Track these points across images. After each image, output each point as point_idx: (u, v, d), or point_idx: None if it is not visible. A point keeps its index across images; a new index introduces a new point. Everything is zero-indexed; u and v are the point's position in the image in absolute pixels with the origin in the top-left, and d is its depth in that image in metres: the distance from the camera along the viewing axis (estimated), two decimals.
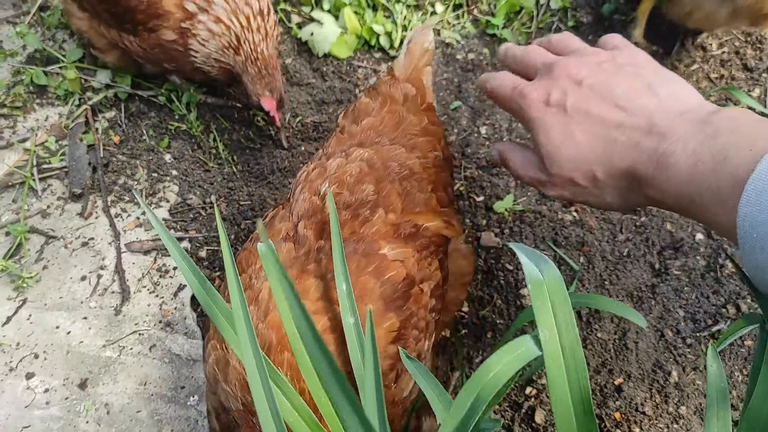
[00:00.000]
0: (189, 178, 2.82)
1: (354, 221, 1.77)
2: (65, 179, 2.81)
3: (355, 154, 1.89)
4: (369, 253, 1.72)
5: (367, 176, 1.83)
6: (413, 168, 1.91)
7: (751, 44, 3.04)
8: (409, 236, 1.82)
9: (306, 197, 1.84)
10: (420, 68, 2.26)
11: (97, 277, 2.56)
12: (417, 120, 2.07)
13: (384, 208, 1.79)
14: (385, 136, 2.00)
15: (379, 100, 2.13)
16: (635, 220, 2.56)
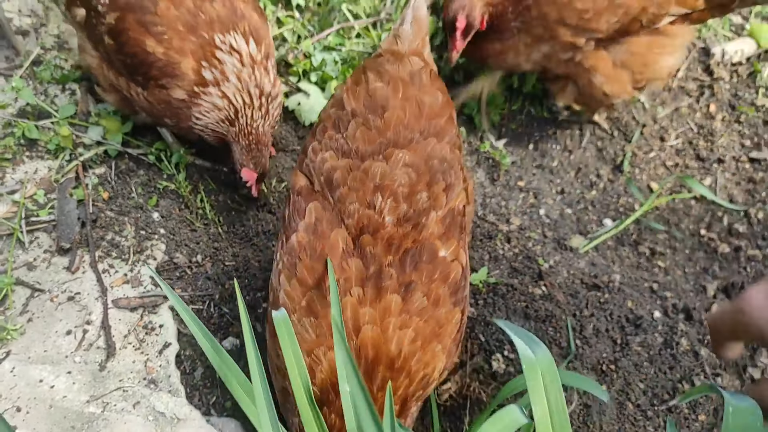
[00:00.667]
0: (176, 236, 2.91)
1: (415, 230, 1.93)
2: (52, 232, 2.87)
3: (395, 157, 1.98)
4: (432, 259, 1.90)
5: (418, 184, 1.97)
6: (447, 158, 2.06)
7: (703, 136, 3.33)
8: (450, 224, 2.00)
9: (359, 209, 1.94)
10: (425, 37, 2.37)
11: (83, 331, 2.60)
12: (433, 100, 2.15)
13: (435, 210, 1.97)
14: (415, 130, 2.08)
15: (390, 84, 2.14)
16: (599, 296, 2.75)
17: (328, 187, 2.03)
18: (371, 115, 2.08)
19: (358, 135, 2.06)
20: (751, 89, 3.47)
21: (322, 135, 2.14)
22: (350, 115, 2.11)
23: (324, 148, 2.10)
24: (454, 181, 2.06)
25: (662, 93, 3.49)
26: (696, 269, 2.86)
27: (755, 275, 2.82)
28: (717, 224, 3.01)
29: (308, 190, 2.09)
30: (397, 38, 2.33)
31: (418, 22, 2.35)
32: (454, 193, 2.06)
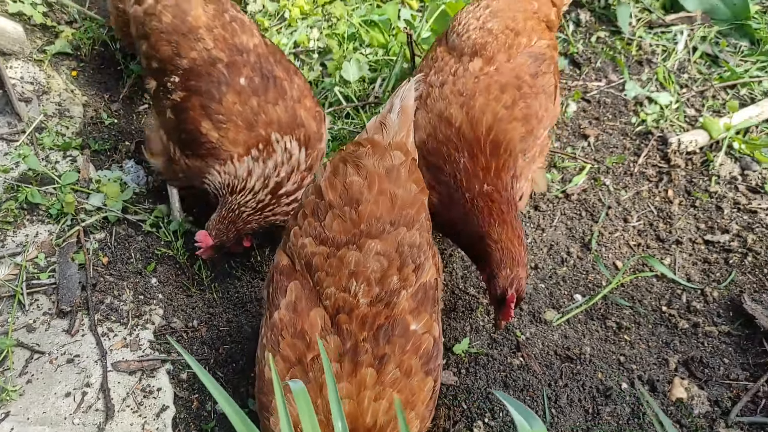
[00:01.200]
0: (173, 302, 3.04)
1: (387, 308, 2.14)
2: (52, 295, 2.96)
3: (368, 247, 2.18)
4: (404, 332, 2.12)
5: (389, 269, 2.17)
6: (417, 242, 2.27)
7: (663, 219, 3.63)
8: (422, 300, 2.22)
9: (335, 292, 2.14)
10: (410, 126, 2.49)
11: (82, 393, 2.68)
12: (406, 193, 2.32)
13: (406, 289, 2.19)
14: (386, 221, 2.26)
15: (366, 179, 2.28)
16: (572, 367, 2.96)
17: (308, 269, 2.25)
18: (347, 207, 2.24)
19: (334, 226, 2.23)
20: (705, 177, 3.81)
21: (303, 220, 2.34)
22: (328, 206, 2.27)
23: (304, 234, 2.29)
24: (423, 261, 2.29)
25: (625, 177, 3.80)
26: (659, 343, 3.10)
27: (712, 350, 3.07)
28: (677, 301, 3.27)
29: (289, 270, 2.30)
30: (382, 126, 2.42)
31: (405, 112, 2.49)
32: (424, 271, 2.28)
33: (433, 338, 2.19)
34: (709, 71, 4.43)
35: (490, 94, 2.78)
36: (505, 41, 2.95)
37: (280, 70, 3.02)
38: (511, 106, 2.81)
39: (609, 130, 4.07)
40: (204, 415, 2.74)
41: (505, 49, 2.93)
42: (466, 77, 2.83)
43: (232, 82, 2.90)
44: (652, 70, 4.40)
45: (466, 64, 2.88)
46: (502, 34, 2.96)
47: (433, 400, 2.23)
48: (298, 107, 2.98)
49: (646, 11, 4.75)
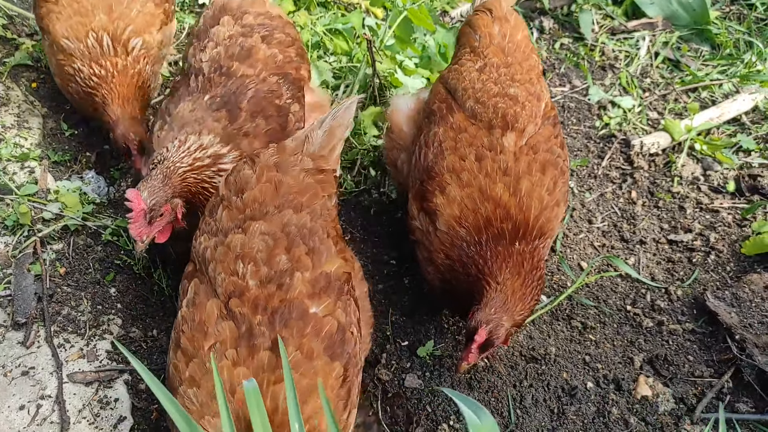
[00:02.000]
0: (132, 311, 2.98)
1: (280, 290, 2.11)
2: (7, 307, 2.90)
3: (252, 228, 2.21)
4: (302, 315, 2.07)
5: (275, 248, 2.17)
6: (307, 225, 2.27)
7: (627, 219, 3.65)
8: (324, 287, 2.17)
9: (225, 278, 2.14)
10: (336, 146, 2.51)
11: (37, 406, 2.61)
12: (293, 180, 2.35)
13: (300, 271, 2.15)
14: (270, 204, 2.29)
15: (256, 171, 2.36)
16: (537, 368, 2.95)
17: (204, 265, 2.26)
18: (234, 197, 2.32)
19: (223, 217, 2.30)
20: (667, 178, 3.85)
21: (202, 222, 2.40)
22: (220, 200, 2.35)
23: (201, 233, 2.36)
24: (319, 246, 2.27)
25: (589, 180, 3.82)
26: (624, 342, 3.09)
27: (677, 348, 3.08)
28: (641, 300, 3.28)
29: (192, 272, 2.32)
30: (307, 139, 2.47)
31: (331, 132, 2.48)
32: (323, 258, 2.25)
33: (337, 322, 2.13)
34: (671, 75, 4.50)
35: (533, 176, 2.64)
36: (532, 110, 2.79)
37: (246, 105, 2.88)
38: (553, 190, 2.68)
39: (573, 133, 4.10)
40: (164, 425, 2.68)
41: (533, 119, 2.78)
42: (505, 154, 2.65)
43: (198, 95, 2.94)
44: (615, 75, 4.46)
45: (499, 139, 2.69)
46: (527, 102, 2.79)
47: (348, 390, 2.12)
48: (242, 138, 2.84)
49: (608, 18, 4.82)
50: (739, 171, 3.89)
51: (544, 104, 2.86)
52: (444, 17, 4.76)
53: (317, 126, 2.50)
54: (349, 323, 2.21)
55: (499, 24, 3.03)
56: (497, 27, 3.03)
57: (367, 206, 3.58)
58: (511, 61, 2.92)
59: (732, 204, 3.72)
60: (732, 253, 3.48)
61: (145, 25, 3.38)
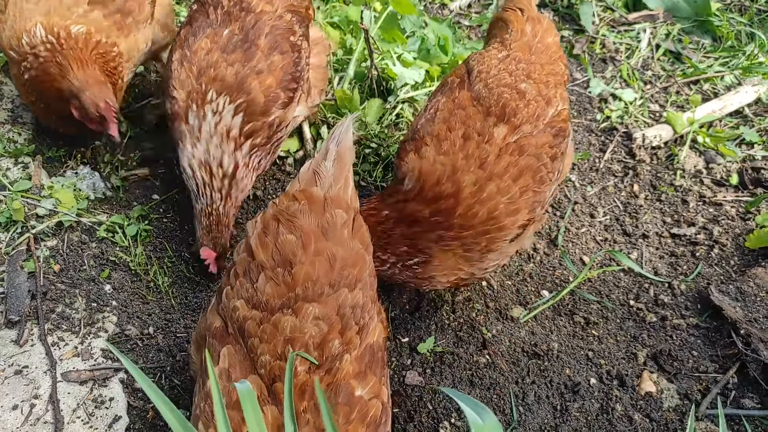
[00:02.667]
0: (128, 309, 2.93)
1: (328, 375, 1.97)
2: (1, 305, 2.85)
3: (305, 311, 2.02)
4: (349, 399, 1.94)
5: (329, 334, 2.01)
6: (360, 303, 2.12)
7: (629, 213, 3.60)
8: (369, 363, 2.06)
9: (270, 360, 1.97)
10: (348, 175, 2.27)
11: (30, 406, 2.57)
12: (347, 252, 2.16)
13: (349, 353, 2.02)
14: (324, 284, 2.09)
15: (302, 239, 2.13)
16: (539, 364, 2.90)
17: (241, 334, 2.07)
18: (280, 269, 2.09)
19: (267, 289, 2.07)
20: (670, 171, 3.80)
21: (235, 280, 2.16)
22: (260, 266, 2.11)
23: (236, 296, 2.12)
24: (368, 320, 2.14)
25: (591, 173, 3.77)
26: (627, 337, 3.05)
27: (681, 343, 3.04)
28: (644, 295, 3.23)
29: (222, 333, 2.12)
30: (316, 175, 2.24)
31: (341, 159, 2.24)
32: (369, 330, 2.14)
33: (381, 403, 2.03)
34: (673, 68, 4.45)
35: (503, 182, 2.55)
36: (535, 111, 2.70)
37: (264, 41, 2.99)
38: (517, 198, 2.59)
39: (574, 127, 4.04)
40: (160, 425, 2.63)
41: (533, 120, 2.69)
42: (491, 145, 2.58)
43: (217, 29, 2.99)
44: (616, 68, 4.41)
45: (491, 127, 2.63)
46: (534, 101, 2.72)
47: None
48: (253, 78, 2.93)
49: (608, 10, 4.77)
50: (742, 164, 3.84)
51: (554, 111, 2.76)
52: (443, 10, 4.71)
53: (321, 157, 2.25)
54: (388, 399, 2.11)
55: (532, 24, 3.01)
56: (530, 26, 3.00)
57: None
58: (534, 60, 2.88)
59: (735, 197, 3.68)
60: (736, 247, 3.44)
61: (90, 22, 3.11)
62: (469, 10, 4.74)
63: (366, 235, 2.28)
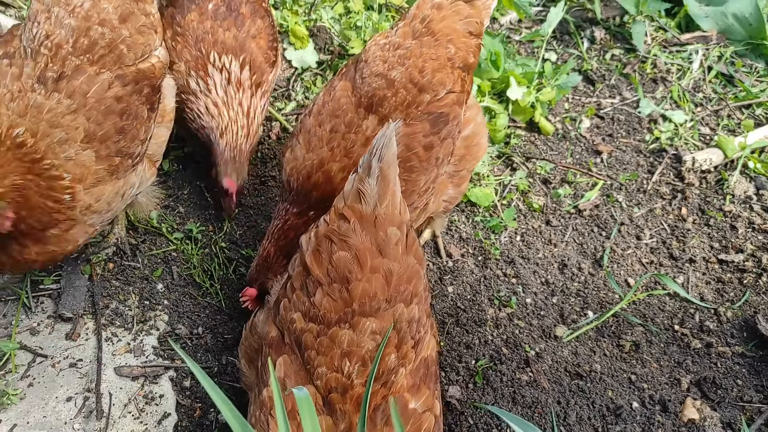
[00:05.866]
0: (179, 308, 3.01)
1: (384, 388, 2.02)
2: (57, 299, 2.94)
3: (362, 326, 2.06)
4: (403, 412, 1.98)
5: (387, 348, 2.05)
6: (416, 317, 2.16)
7: (676, 237, 3.57)
8: (423, 377, 2.09)
9: (327, 372, 2.01)
10: (395, 191, 2.22)
11: (83, 399, 2.65)
12: (402, 268, 2.17)
13: (404, 367, 2.07)
14: (381, 299, 2.12)
15: (357, 256, 2.13)
16: (581, 385, 2.90)
17: (297, 345, 2.13)
18: (336, 285, 2.11)
19: (324, 303, 2.10)
20: (719, 196, 3.76)
21: (291, 293, 2.20)
22: (316, 282, 2.14)
23: (293, 308, 2.17)
24: (423, 334, 2.18)
25: (638, 194, 3.76)
26: (671, 362, 3.03)
27: (725, 371, 3.01)
28: (689, 320, 3.21)
29: (279, 343, 2.18)
30: (361, 195, 2.20)
31: (385, 177, 2.18)
32: (423, 345, 2.18)
33: (434, 417, 2.07)
34: (724, 91, 4.40)
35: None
36: (405, 99, 2.64)
37: (246, 9, 3.28)
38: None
39: (622, 146, 4.03)
40: (206, 424, 2.70)
41: (402, 108, 2.64)
42: (357, 135, 2.64)
43: (201, 3, 3.21)
44: (667, 89, 4.37)
45: (361, 120, 2.65)
46: (403, 89, 2.64)
47: None
48: (250, 40, 3.21)
49: (661, 30, 4.73)
50: None
51: (431, 95, 2.67)
52: (493, 24, 4.72)
53: (365, 174, 2.20)
54: (441, 413, 2.15)
55: (429, 9, 2.76)
56: (423, 11, 2.76)
57: None
58: (412, 45, 2.71)
59: None
60: None
61: None
62: (520, 25, 4.75)
63: (419, 250, 2.30)
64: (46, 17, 2.51)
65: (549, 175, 3.80)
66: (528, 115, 4.01)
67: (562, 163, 3.86)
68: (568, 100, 4.25)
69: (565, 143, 4.00)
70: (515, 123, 4.02)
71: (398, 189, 2.26)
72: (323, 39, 4.24)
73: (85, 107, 2.45)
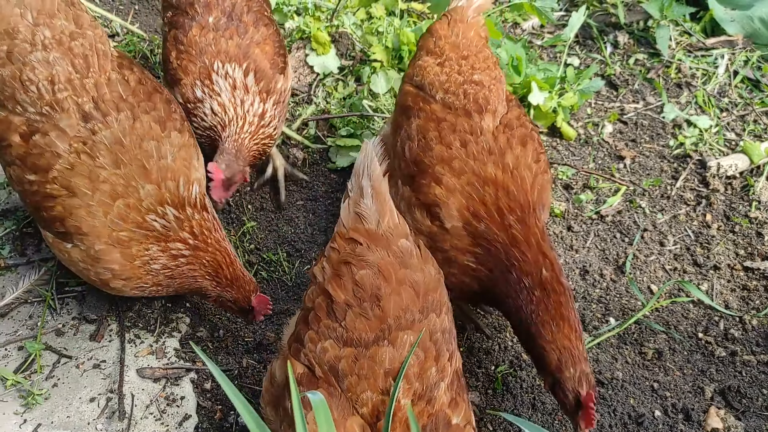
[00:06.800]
0: (200, 311, 3.04)
1: (428, 405, 1.99)
2: (82, 301, 2.99)
3: (402, 339, 2.02)
4: (448, 429, 1.96)
5: (426, 361, 2.03)
6: (447, 328, 2.16)
7: (700, 243, 3.53)
8: (458, 390, 2.08)
9: (372, 396, 1.96)
10: (392, 207, 2.26)
11: (107, 399, 2.69)
12: (426, 278, 2.18)
13: (443, 381, 2.04)
14: (414, 311, 2.11)
15: (380, 272, 2.12)
16: (603, 392, 2.87)
17: (334, 375, 2.02)
18: (366, 304, 2.08)
19: (358, 325, 2.06)
20: (745, 202, 3.71)
21: (317, 324, 2.13)
22: (345, 305, 2.10)
23: (323, 337, 2.08)
24: (454, 346, 2.18)
25: (662, 200, 3.72)
26: (694, 371, 2.99)
27: (750, 380, 2.96)
28: (714, 328, 3.16)
29: (309, 378, 2.06)
30: (361, 217, 2.23)
31: (378, 193, 2.24)
32: (455, 357, 2.17)
33: (473, 429, 2.07)
34: (751, 96, 4.34)
35: (515, 150, 2.72)
36: (498, 93, 2.92)
37: (249, 18, 3.29)
38: (538, 159, 2.77)
39: (646, 152, 3.99)
40: (226, 426, 2.72)
41: (501, 100, 2.91)
42: (486, 135, 2.73)
43: (201, 19, 3.22)
44: (692, 94, 4.33)
45: (479, 122, 2.77)
46: (492, 86, 2.91)
47: None
48: (254, 47, 3.23)
49: (686, 34, 4.68)
50: None
51: (504, 84, 3.00)
52: (515, 29, 4.71)
53: (358, 197, 2.25)
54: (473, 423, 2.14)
55: (453, 26, 3.10)
56: (450, 28, 3.10)
57: None
58: (467, 54, 3.01)
59: None
60: None
61: None
62: (542, 30, 4.73)
63: (434, 260, 2.32)
64: None
65: (571, 181, 3.77)
66: (550, 120, 3.99)
67: (584, 168, 3.83)
68: (591, 105, 4.23)
69: (588, 148, 3.97)
70: (537, 128, 4.00)
71: (392, 203, 2.30)
72: (345, 45, 4.26)
73: None
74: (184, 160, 2.67)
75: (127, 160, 2.53)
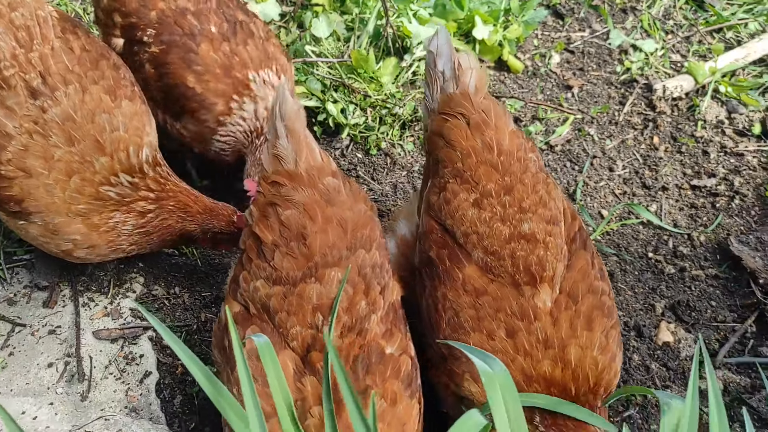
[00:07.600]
0: (154, 269, 3.03)
1: (359, 337, 2.02)
2: (32, 269, 2.96)
3: (328, 277, 2.06)
4: (381, 358, 2.00)
5: (355, 296, 2.06)
6: (378, 263, 2.18)
7: (648, 166, 3.58)
8: (394, 321, 2.12)
9: (301, 330, 2.00)
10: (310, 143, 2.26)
11: (64, 363, 2.68)
12: (355, 215, 2.19)
13: (375, 313, 2.07)
14: (341, 248, 2.13)
15: (308, 211, 2.14)
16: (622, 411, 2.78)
17: (266, 312, 2.09)
18: (293, 243, 2.10)
19: (285, 264, 2.09)
20: (691, 122, 3.75)
21: (249, 264, 2.16)
22: (272, 247, 2.12)
23: (254, 277, 2.13)
24: (387, 280, 2.19)
25: (610, 126, 3.75)
26: (645, 289, 3.07)
27: (699, 293, 3.05)
28: (663, 247, 3.24)
29: (244, 316, 2.12)
30: (279, 159, 2.25)
31: (293, 132, 2.24)
32: (389, 290, 2.19)
33: (410, 358, 2.10)
34: (695, 16, 4.36)
35: (580, 338, 2.10)
36: (556, 245, 2.22)
37: (241, 13, 3.11)
38: (606, 344, 2.15)
39: (593, 80, 4.01)
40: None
41: (561, 258, 2.21)
42: (541, 320, 2.11)
43: (204, 30, 2.95)
44: (637, 18, 4.33)
45: (531, 299, 2.14)
46: (548, 236, 2.22)
47: (421, 423, 2.09)
48: (267, 44, 3.07)
49: None
50: (765, 113, 3.78)
51: (562, 223, 2.31)
52: None
53: (274, 138, 2.26)
54: (414, 353, 2.15)
55: (480, 133, 2.35)
56: (479, 139, 2.35)
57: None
58: (511, 182, 2.29)
59: (757, 147, 3.63)
60: (757, 197, 3.41)
61: None
62: None
63: (367, 197, 2.34)
64: None
65: (519, 113, 3.78)
66: (496, 54, 3.97)
67: (532, 100, 3.84)
68: (537, 37, 4.21)
69: (535, 80, 3.98)
70: (483, 63, 3.98)
71: (312, 140, 2.30)
72: None
73: None
74: (136, 129, 2.62)
75: (80, 136, 2.47)
